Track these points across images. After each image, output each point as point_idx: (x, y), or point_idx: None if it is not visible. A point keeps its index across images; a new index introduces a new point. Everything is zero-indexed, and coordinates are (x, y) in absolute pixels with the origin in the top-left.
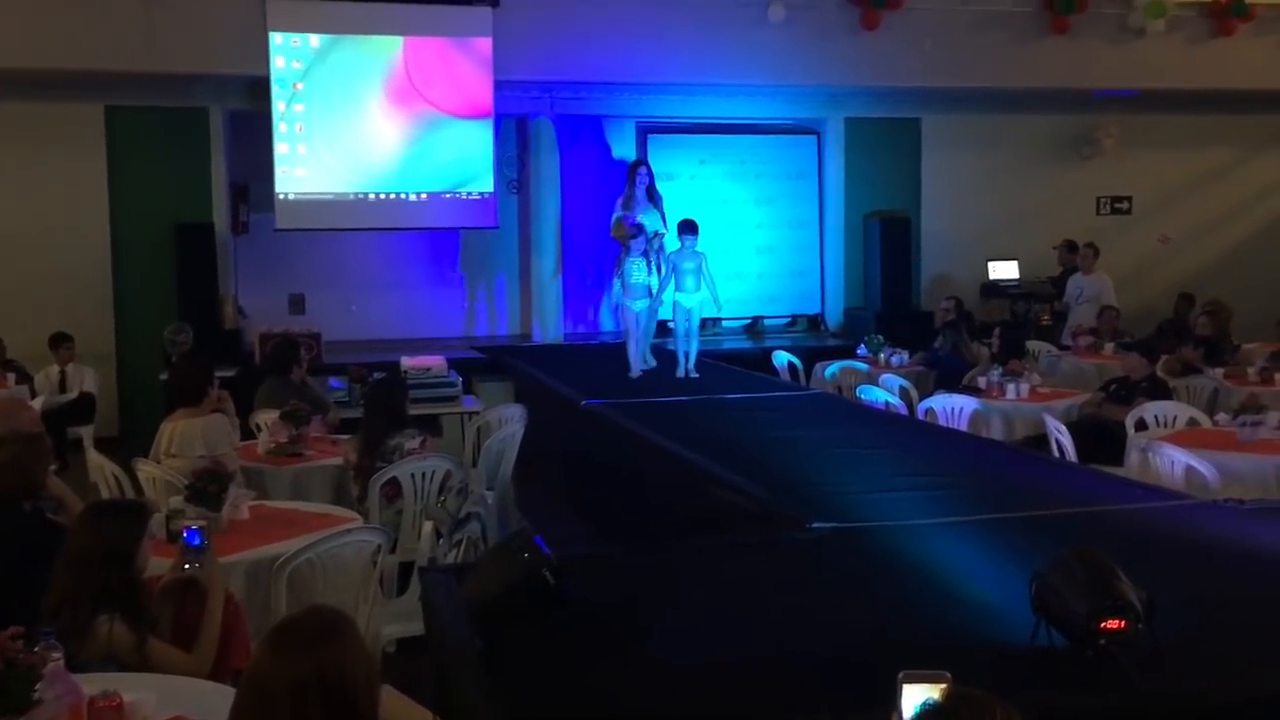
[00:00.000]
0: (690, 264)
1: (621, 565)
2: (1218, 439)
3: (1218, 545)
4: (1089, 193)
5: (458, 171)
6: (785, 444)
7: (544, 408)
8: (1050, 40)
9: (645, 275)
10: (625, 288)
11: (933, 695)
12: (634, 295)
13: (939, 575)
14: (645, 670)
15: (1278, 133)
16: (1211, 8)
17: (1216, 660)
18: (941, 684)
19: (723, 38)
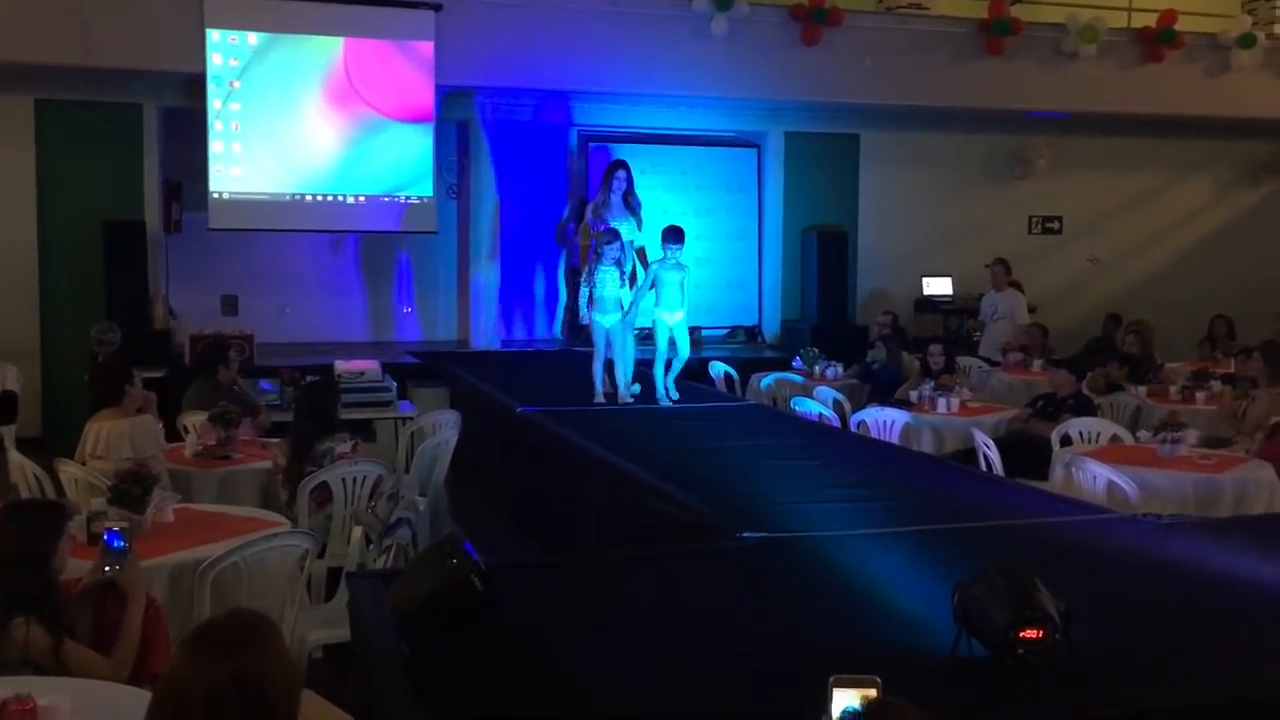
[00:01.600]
0: (674, 276)
1: (552, 574)
2: (1139, 455)
3: (1136, 558)
4: (1021, 212)
5: (397, 175)
6: (718, 454)
7: (480, 414)
8: (986, 61)
9: (617, 287)
10: (594, 300)
11: (856, 703)
12: (603, 309)
13: (866, 585)
14: (572, 680)
15: (1204, 157)
16: (1141, 34)
17: (1132, 670)
18: (871, 689)
19: (665, 48)
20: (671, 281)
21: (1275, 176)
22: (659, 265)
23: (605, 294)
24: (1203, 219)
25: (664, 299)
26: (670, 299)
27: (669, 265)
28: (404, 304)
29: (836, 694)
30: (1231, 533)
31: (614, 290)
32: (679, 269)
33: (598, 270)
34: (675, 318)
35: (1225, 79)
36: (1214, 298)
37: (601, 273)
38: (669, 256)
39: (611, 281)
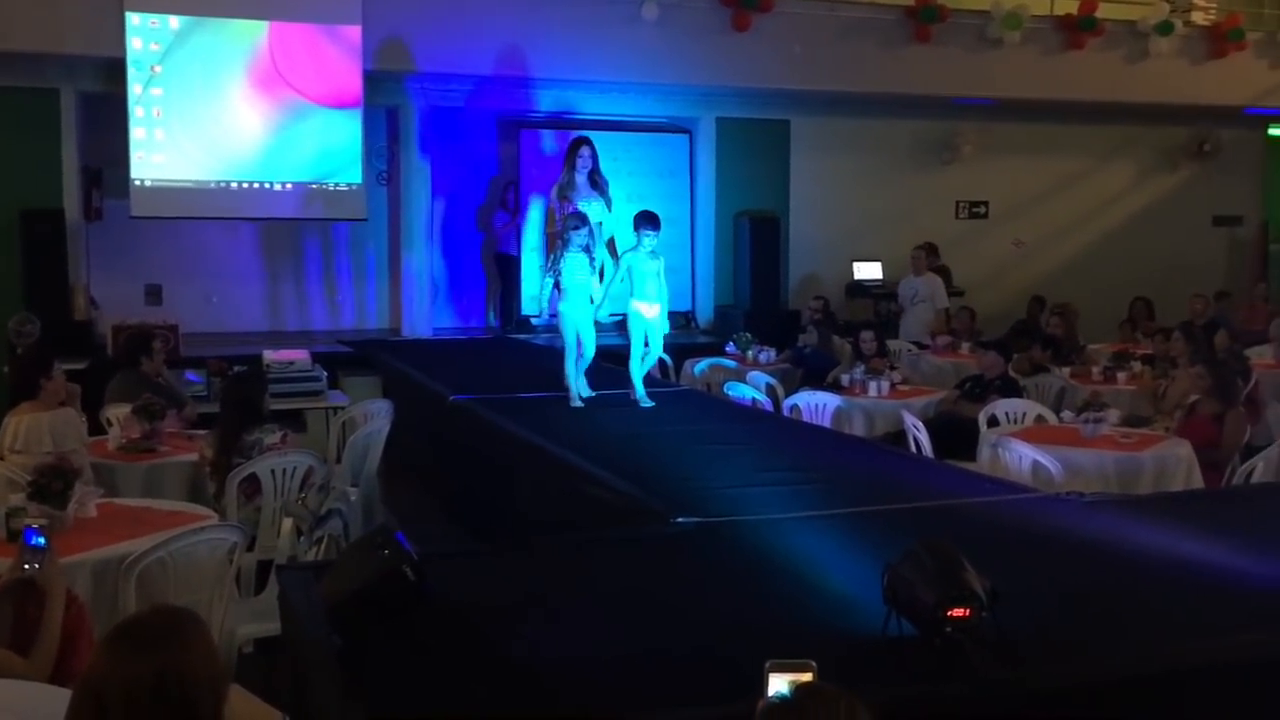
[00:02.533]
0: (650, 265)
1: (485, 562)
2: (1063, 435)
3: (1059, 536)
4: (949, 197)
5: (324, 162)
6: (652, 440)
7: (412, 403)
8: (913, 48)
9: (587, 275)
10: (561, 291)
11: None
12: (572, 300)
13: (798, 568)
14: (506, 668)
15: (1124, 142)
16: (1063, 21)
17: (1056, 646)
18: (807, 672)
19: (595, 34)
20: (648, 271)
21: (1193, 161)
22: (632, 254)
23: (573, 283)
24: (1123, 203)
25: (640, 290)
26: (646, 290)
27: (643, 254)
28: (334, 292)
29: (773, 678)
30: (1151, 509)
31: (584, 279)
32: (654, 258)
33: (564, 257)
34: (653, 311)
35: (1144, 65)
36: (1135, 279)
37: (568, 260)
38: (643, 244)
39: (580, 270)
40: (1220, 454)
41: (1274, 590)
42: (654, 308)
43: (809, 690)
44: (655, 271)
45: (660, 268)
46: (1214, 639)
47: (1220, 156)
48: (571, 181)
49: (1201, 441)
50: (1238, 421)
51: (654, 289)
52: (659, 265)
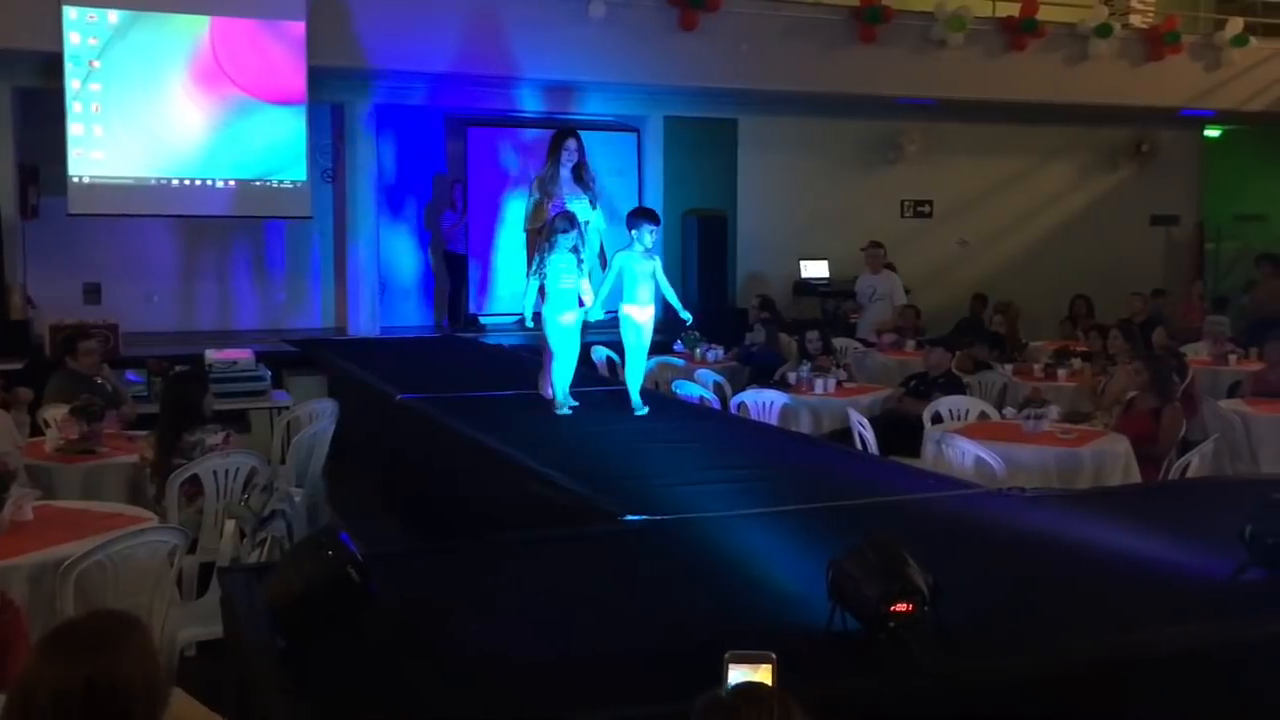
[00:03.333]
0: (645, 266)
1: (432, 562)
2: (1005, 431)
3: (1000, 531)
4: (894, 196)
5: (268, 159)
6: (601, 439)
7: (359, 403)
8: (858, 48)
9: (575, 278)
10: (546, 295)
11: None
12: (559, 304)
13: (745, 565)
14: (453, 669)
15: (1065, 143)
16: (1005, 23)
17: (997, 639)
18: (766, 664)
19: (543, 32)
20: (642, 273)
21: (1131, 161)
22: (625, 253)
23: (561, 287)
24: (1064, 202)
25: (632, 293)
26: (639, 292)
27: (637, 253)
28: (278, 291)
29: (732, 669)
30: (1090, 504)
31: (571, 282)
32: (648, 257)
33: (550, 259)
34: (646, 314)
35: (1084, 67)
36: (1075, 278)
37: (555, 262)
38: (637, 242)
39: (568, 272)
40: (1157, 449)
41: (1207, 583)
42: (646, 311)
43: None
44: (650, 272)
45: (656, 268)
46: (1149, 631)
47: (1158, 157)
48: (555, 175)
49: (1139, 437)
50: (1174, 417)
51: (647, 291)
52: (654, 265)
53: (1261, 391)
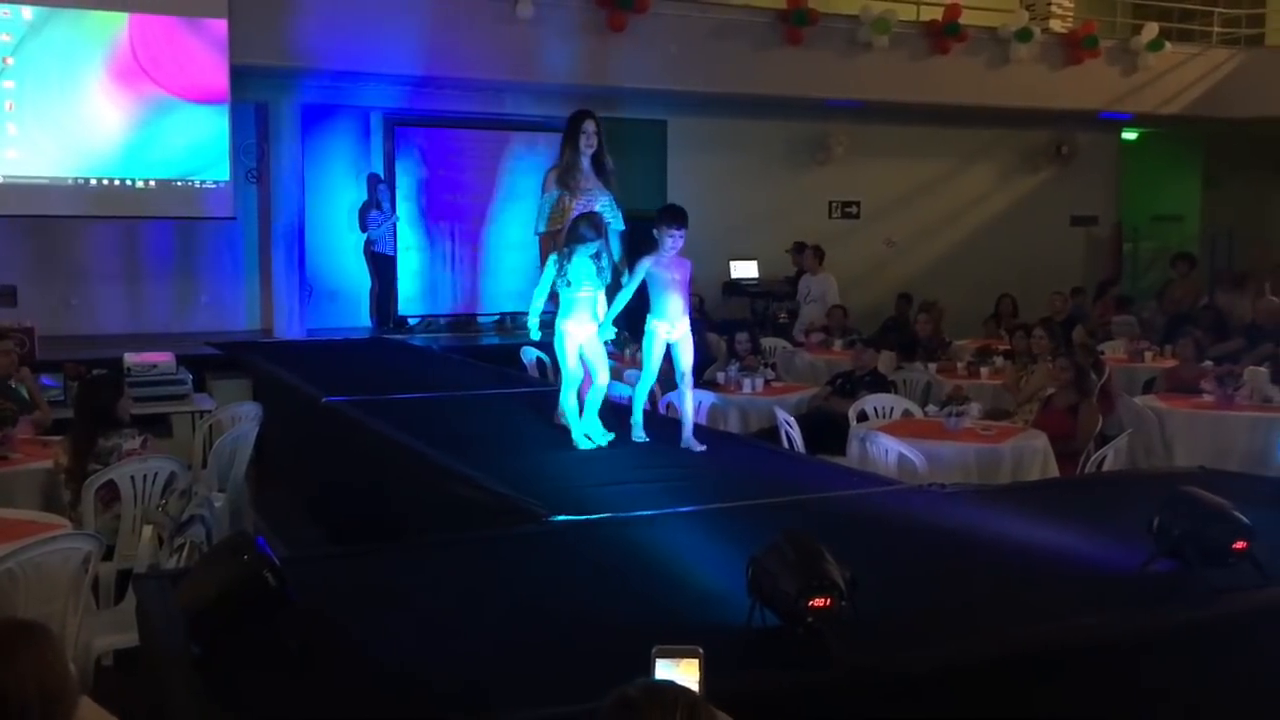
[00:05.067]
0: (676, 274)
1: (354, 565)
2: (928, 429)
3: (920, 527)
4: (822, 197)
5: (189, 158)
6: (529, 439)
7: (284, 406)
8: (786, 50)
9: (595, 288)
10: (564, 306)
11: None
12: (575, 316)
13: (670, 563)
14: (374, 671)
15: (988, 145)
16: (929, 27)
17: (913, 632)
18: (694, 658)
19: (470, 32)
20: (671, 282)
21: (1051, 163)
22: (653, 260)
23: (579, 297)
24: (987, 203)
25: (661, 305)
26: (668, 306)
27: (665, 260)
28: (202, 293)
29: (659, 663)
30: (1007, 499)
31: (589, 293)
32: (679, 266)
33: (572, 264)
34: (678, 331)
35: (1005, 71)
36: (999, 277)
37: (574, 268)
38: (667, 248)
39: (588, 280)
40: (1075, 444)
41: (1117, 574)
42: (680, 326)
43: (651, 689)
44: (682, 280)
45: (687, 277)
46: (1061, 622)
47: (1077, 159)
48: (576, 165)
49: (1057, 432)
50: (1091, 413)
51: (678, 304)
52: (686, 273)
53: (1175, 387)
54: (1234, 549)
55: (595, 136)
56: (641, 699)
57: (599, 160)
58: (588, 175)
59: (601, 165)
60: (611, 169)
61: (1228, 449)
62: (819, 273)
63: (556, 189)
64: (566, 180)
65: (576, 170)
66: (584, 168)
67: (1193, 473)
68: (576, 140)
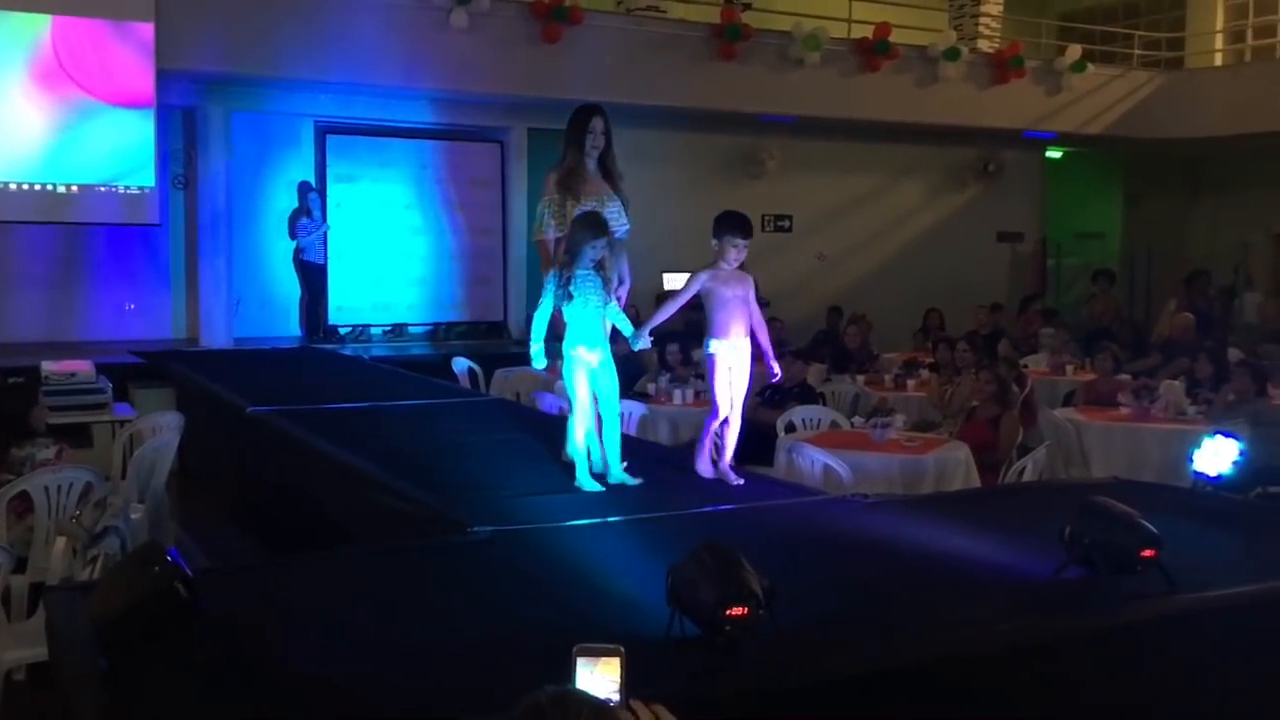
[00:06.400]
0: (738, 290)
1: (272, 576)
2: (854, 440)
3: (841, 536)
4: (755, 210)
5: (114, 163)
6: (455, 450)
7: (209, 415)
8: (719, 65)
9: (601, 303)
10: (570, 325)
11: (598, 670)
12: (583, 337)
13: (592, 574)
14: (289, 684)
15: (916, 161)
16: (860, 44)
17: (831, 641)
18: (615, 657)
19: (404, 40)
20: (732, 299)
21: (978, 180)
22: (710, 275)
23: (585, 314)
24: (916, 218)
25: (721, 325)
26: (731, 323)
27: (725, 274)
28: (126, 301)
29: (580, 662)
30: (928, 508)
31: (596, 308)
32: (742, 281)
33: (577, 279)
34: (739, 353)
35: (934, 89)
36: (927, 291)
37: (581, 283)
38: (730, 260)
39: (594, 295)
40: (997, 455)
41: (1030, 582)
42: (740, 350)
43: (556, 696)
44: (743, 297)
45: (750, 293)
46: (975, 629)
47: (1003, 177)
48: (580, 167)
49: (980, 444)
50: (1012, 425)
51: (740, 323)
52: (749, 288)
53: (1092, 400)
54: (1142, 556)
55: (603, 136)
56: (548, 705)
57: (605, 163)
58: (593, 179)
59: (608, 168)
60: (619, 174)
61: (1143, 460)
62: None
63: (557, 193)
64: (568, 183)
65: (580, 173)
66: (589, 171)
67: (1106, 483)
68: (581, 139)
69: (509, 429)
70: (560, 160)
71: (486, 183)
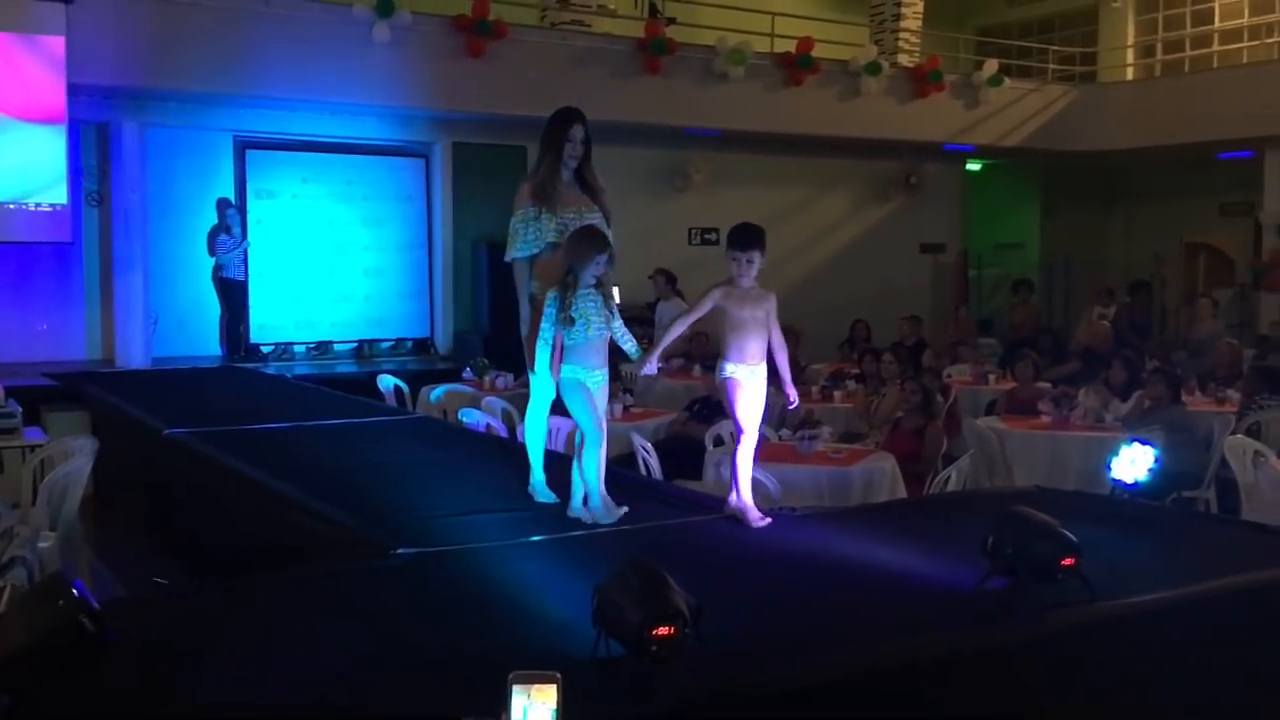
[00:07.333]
0: (754, 310)
1: (188, 605)
2: (781, 452)
3: (768, 550)
4: (681, 224)
5: (24, 180)
6: (379, 469)
7: (125, 438)
8: (644, 79)
9: (602, 323)
10: (570, 349)
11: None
12: (583, 360)
13: (517, 595)
14: (204, 716)
15: (841, 175)
16: (783, 59)
17: (757, 656)
18: (551, 684)
19: (325, 54)
20: (748, 320)
21: (901, 193)
22: (723, 292)
23: (588, 337)
24: (841, 231)
25: (735, 346)
26: (746, 346)
27: (739, 292)
28: (38, 321)
29: (515, 689)
30: (854, 521)
31: (599, 329)
32: (760, 300)
33: (579, 300)
34: (755, 379)
35: (856, 103)
36: (852, 303)
37: (582, 303)
38: (746, 274)
39: (596, 315)
40: (922, 465)
41: (956, 592)
42: (758, 373)
43: None
44: (761, 319)
45: (769, 313)
46: (902, 641)
47: (925, 189)
48: (556, 177)
49: (906, 454)
50: (936, 434)
51: (757, 344)
52: (769, 307)
53: (1014, 408)
54: (1062, 565)
55: (583, 145)
56: None
57: (584, 173)
58: (570, 190)
59: (587, 179)
60: (600, 186)
61: (1064, 468)
62: (671, 299)
63: (531, 205)
64: (545, 194)
65: (557, 183)
66: (566, 181)
67: (1028, 492)
68: (559, 147)
69: (435, 448)
70: (535, 169)
71: (411, 198)
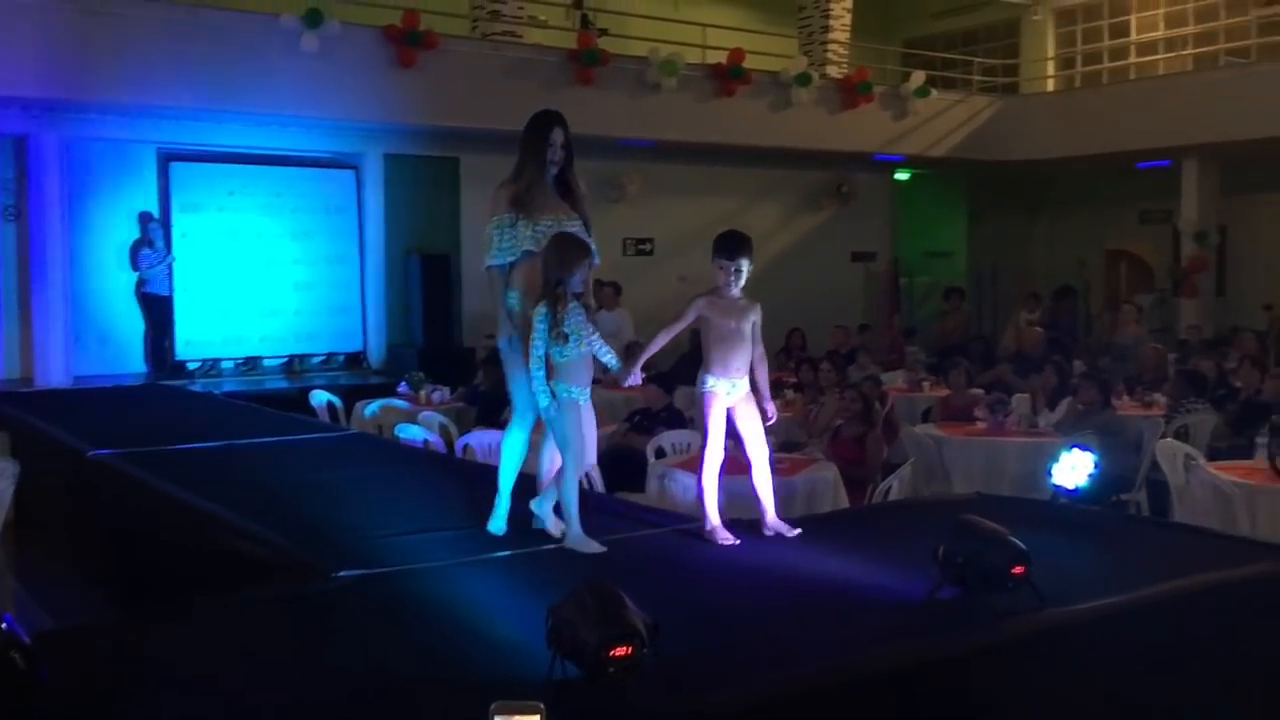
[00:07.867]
0: (737, 321)
1: (122, 635)
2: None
3: (717, 564)
4: (616, 234)
5: None
6: (314, 489)
7: (47, 461)
8: (577, 90)
9: (584, 337)
10: (561, 366)
11: None
12: (580, 377)
13: (465, 616)
14: None
15: (772, 185)
16: (715, 70)
17: (714, 673)
18: (535, 715)
19: (250, 64)
20: (731, 332)
21: (832, 202)
22: (706, 302)
23: (580, 354)
24: (774, 240)
25: (718, 359)
26: (729, 359)
27: (723, 303)
28: None
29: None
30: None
31: (588, 344)
32: (745, 310)
33: (571, 316)
34: (738, 392)
35: (787, 114)
36: (787, 311)
37: (572, 317)
38: (733, 284)
39: (584, 330)
40: (864, 472)
41: (907, 603)
42: (739, 386)
43: None
44: (745, 330)
45: (754, 324)
46: (857, 653)
47: (856, 199)
48: (537, 183)
49: (847, 461)
50: (877, 442)
51: (740, 355)
52: (754, 319)
53: (949, 415)
54: (1013, 573)
55: (563, 150)
56: None
57: (564, 179)
58: (550, 196)
59: (568, 185)
60: (581, 194)
61: (1001, 473)
62: (615, 309)
63: (509, 212)
64: (523, 200)
65: (536, 189)
66: (546, 186)
67: (970, 499)
68: (540, 151)
69: (372, 465)
70: (517, 174)
71: (342, 209)
